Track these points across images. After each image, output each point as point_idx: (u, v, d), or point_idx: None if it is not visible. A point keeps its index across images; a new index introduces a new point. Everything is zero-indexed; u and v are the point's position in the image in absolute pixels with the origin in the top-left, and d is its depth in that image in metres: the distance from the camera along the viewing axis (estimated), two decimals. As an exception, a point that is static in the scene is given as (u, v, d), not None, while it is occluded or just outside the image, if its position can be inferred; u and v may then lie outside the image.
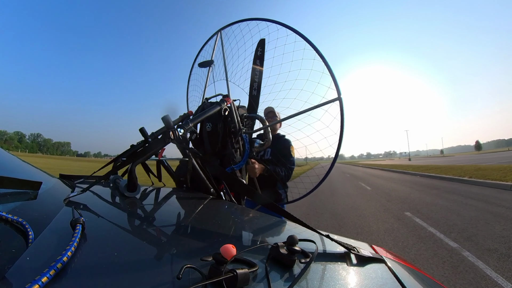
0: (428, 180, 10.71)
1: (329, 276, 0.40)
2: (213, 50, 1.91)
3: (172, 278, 0.32)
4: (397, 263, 0.50)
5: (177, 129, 0.86)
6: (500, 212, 4.26)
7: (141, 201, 0.76)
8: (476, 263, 2.40)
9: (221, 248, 0.32)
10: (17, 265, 0.32)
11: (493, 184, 7.32)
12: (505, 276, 2.13)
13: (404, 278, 0.43)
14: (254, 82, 1.76)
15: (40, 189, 0.61)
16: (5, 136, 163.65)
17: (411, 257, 2.65)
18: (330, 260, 0.44)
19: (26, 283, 0.26)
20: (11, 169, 0.79)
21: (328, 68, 1.32)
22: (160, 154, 0.88)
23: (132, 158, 0.82)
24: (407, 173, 15.10)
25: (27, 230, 0.39)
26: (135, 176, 0.74)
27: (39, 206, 0.56)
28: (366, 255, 0.47)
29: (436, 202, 5.48)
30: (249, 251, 0.42)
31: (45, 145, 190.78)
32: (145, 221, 0.61)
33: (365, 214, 4.75)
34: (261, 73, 1.74)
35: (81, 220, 0.42)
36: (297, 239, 0.41)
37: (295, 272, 0.38)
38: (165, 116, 0.91)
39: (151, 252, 0.41)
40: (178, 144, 0.88)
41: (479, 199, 5.49)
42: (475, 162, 19.41)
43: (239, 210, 0.80)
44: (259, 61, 1.75)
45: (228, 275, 0.30)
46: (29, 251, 0.35)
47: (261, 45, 1.73)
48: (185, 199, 0.89)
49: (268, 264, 0.38)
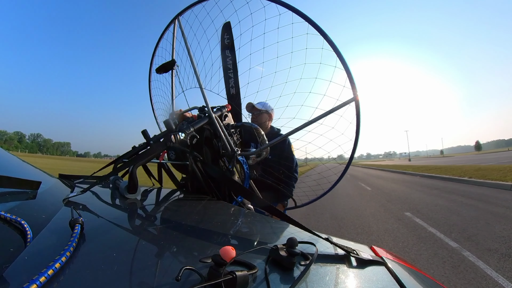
0: (428, 180, 10.71)
1: (329, 278, 0.39)
2: (172, 46, 1.44)
3: (171, 279, 0.32)
4: (397, 265, 0.49)
5: (178, 133, 0.86)
6: (500, 212, 4.26)
7: (141, 202, 0.75)
8: (477, 263, 2.39)
9: (221, 250, 0.32)
10: (15, 265, 0.32)
11: (493, 184, 7.31)
12: (505, 276, 2.12)
13: (405, 280, 0.42)
14: (230, 79, 1.40)
15: (39, 188, 0.60)
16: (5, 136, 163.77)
17: (411, 257, 2.65)
18: (329, 263, 0.44)
19: (24, 282, 0.26)
20: (10, 169, 0.79)
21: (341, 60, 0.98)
22: (161, 157, 0.87)
23: (133, 160, 0.82)
24: (407, 173, 15.09)
25: (25, 230, 0.39)
26: (136, 177, 0.74)
27: (38, 206, 0.56)
28: (365, 257, 0.46)
29: (436, 202, 5.47)
30: (248, 253, 0.42)
31: (45, 145, 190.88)
32: (144, 222, 0.61)
33: (365, 214, 4.75)
34: (235, 65, 1.38)
35: (80, 220, 0.42)
36: (296, 241, 0.40)
37: (294, 275, 0.38)
38: (166, 119, 0.91)
39: (150, 253, 0.41)
40: (179, 147, 0.88)
41: (479, 199, 5.48)
42: (475, 162, 19.40)
43: (238, 212, 0.80)
44: (229, 50, 1.37)
45: (228, 277, 0.30)
46: (27, 251, 0.35)
47: (227, 29, 1.35)
48: (185, 200, 0.89)
49: (267, 266, 0.38)
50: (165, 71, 1.18)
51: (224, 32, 1.37)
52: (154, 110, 1.75)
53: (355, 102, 1.01)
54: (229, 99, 1.41)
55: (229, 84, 1.40)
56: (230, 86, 1.40)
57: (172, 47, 1.44)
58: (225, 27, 1.35)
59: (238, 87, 1.39)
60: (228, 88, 1.41)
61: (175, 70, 1.30)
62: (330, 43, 0.98)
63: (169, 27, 1.39)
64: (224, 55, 1.39)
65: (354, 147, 1.13)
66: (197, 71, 1.19)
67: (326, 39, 0.99)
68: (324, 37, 0.99)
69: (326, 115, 1.05)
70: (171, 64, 1.17)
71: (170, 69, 1.21)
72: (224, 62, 1.39)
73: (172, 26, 1.39)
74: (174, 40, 1.43)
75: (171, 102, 1.49)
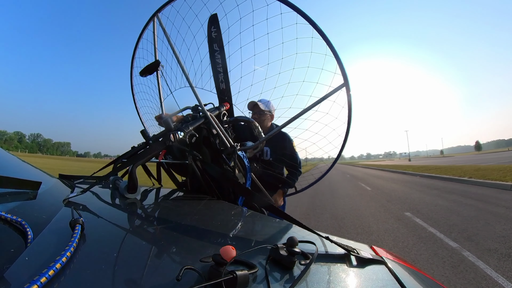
0: (428, 180, 10.70)
1: (329, 277, 0.39)
2: (154, 46, 1.33)
3: (172, 279, 0.32)
4: (397, 264, 0.50)
5: (177, 132, 0.86)
6: (500, 212, 4.26)
7: (140, 202, 0.76)
8: (477, 263, 2.39)
9: (221, 249, 0.32)
10: (16, 265, 0.32)
11: (493, 184, 7.31)
12: (505, 276, 2.12)
13: (405, 279, 0.42)
14: (219, 73, 1.33)
15: (40, 189, 0.60)
16: (5, 136, 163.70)
17: (411, 257, 2.65)
18: (330, 262, 0.44)
19: (24, 283, 0.26)
20: (10, 169, 0.79)
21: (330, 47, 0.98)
22: (161, 156, 0.88)
23: (133, 160, 0.82)
24: (407, 173, 15.08)
25: (26, 230, 0.39)
26: (136, 177, 0.74)
27: (39, 206, 0.56)
28: (366, 256, 0.46)
29: (436, 202, 5.47)
30: (249, 252, 0.42)
31: (45, 145, 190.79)
32: (144, 222, 0.61)
33: (365, 215, 4.75)
34: (224, 59, 1.32)
35: (80, 220, 0.42)
36: (297, 240, 0.40)
37: (295, 274, 0.38)
38: (165, 118, 0.91)
39: (151, 253, 0.41)
40: (178, 146, 0.88)
41: (479, 199, 5.48)
42: (475, 162, 19.41)
43: (239, 211, 0.80)
44: (217, 44, 1.31)
45: (228, 277, 0.30)
46: (28, 251, 0.35)
47: (214, 22, 1.29)
48: (185, 200, 0.89)
49: (268, 265, 0.38)
50: (150, 73, 1.11)
51: (211, 25, 1.29)
52: (140, 116, 1.67)
53: (345, 87, 1.02)
54: (219, 94, 1.35)
55: (218, 79, 1.34)
56: (220, 81, 1.34)
57: (154, 46, 1.35)
58: (211, 19, 1.28)
59: (228, 81, 1.34)
60: (217, 84, 1.36)
61: (160, 71, 1.24)
62: (319, 32, 1.00)
63: (147, 25, 1.30)
64: (212, 50, 1.32)
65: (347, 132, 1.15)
66: (186, 70, 1.14)
67: (315, 28, 1.00)
68: (313, 26, 1.00)
69: (319, 102, 1.06)
70: (155, 65, 1.09)
71: (155, 71, 1.13)
72: (212, 57, 1.33)
73: (151, 24, 1.31)
74: (155, 39, 1.33)
75: (159, 105, 1.41)
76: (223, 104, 1.16)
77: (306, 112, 1.10)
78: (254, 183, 1.28)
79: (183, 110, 1.16)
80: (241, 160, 1.10)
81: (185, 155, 0.92)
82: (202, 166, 0.93)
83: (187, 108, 1.13)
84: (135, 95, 1.64)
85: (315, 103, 1.08)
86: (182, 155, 0.95)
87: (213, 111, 1.10)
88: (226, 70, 1.30)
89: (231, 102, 1.33)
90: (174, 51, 1.16)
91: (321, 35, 1.00)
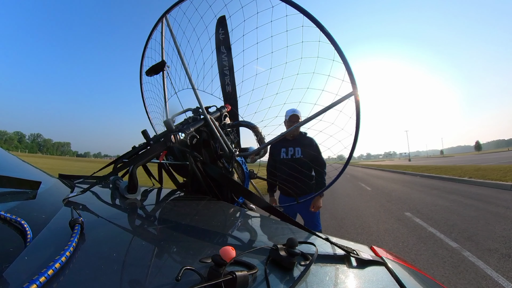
0: (428, 180, 10.70)
1: (329, 278, 0.39)
2: (161, 46, 1.35)
3: (171, 279, 0.32)
4: (397, 265, 0.49)
5: (178, 133, 0.86)
6: (500, 212, 4.26)
7: (141, 202, 0.75)
8: (477, 263, 2.39)
9: (221, 250, 0.32)
10: (15, 265, 0.32)
11: (493, 184, 7.31)
12: (506, 276, 2.12)
13: (405, 280, 0.42)
14: (225, 76, 1.33)
15: (39, 188, 0.60)
16: (5, 136, 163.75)
17: (411, 257, 2.65)
18: (329, 263, 0.44)
19: (24, 282, 0.26)
20: (10, 169, 0.79)
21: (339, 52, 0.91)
22: (161, 157, 0.88)
23: (134, 160, 0.82)
24: (407, 173, 15.09)
25: (25, 230, 0.39)
26: (136, 177, 0.74)
27: (38, 206, 0.55)
28: (365, 258, 0.46)
29: (436, 202, 5.47)
30: (248, 253, 0.42)
31: (45, 145, 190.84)
32: (144, 222, 0.61)
33: (365, 215, 4.75)
34: (231, 61, 1.31)
35: (80, 220, 0.42)
36: (296, 241, 0.40)
37: (294, 275, 0.38)
38: (167, 119, 0.91)
39: (150, 253, 0.41)
40: (179, 147, 0.88)
41: (479, 199, 5.48)
42: (475, 162, 19.40)
43: (238, 212, 0.80)
44: (224, 47, 1.30)
45: (227, 277, 0.30)
46: (27, 251, 0.35)
47: (222, 24, 1.28)
48: (185, 200, 0.89)
49: (267, 266, 0.38)
50: (155, 73, 1.13)
51: (219, 27, 1.28)
52: (148, 113, 1.68)
53: (354, 96, 0.96)
54: (225, 97, 1.34)
55: (224, 81, 1.34)
56: (226, 83, 1.33)
57: (161, 47, 1.36)
58: (220, 21, 1.27)
59: (234, 84, 1.33)
60: (223, 86, 1.35)
61: (165, 71, 1.25)
62: (327, 35, 0.93)
63: (157, 26, 1.32)
64: (219, 52, 1.31)
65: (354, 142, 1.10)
66: (189, 72, 1.14)
67: (322, 31, 0.93)
68: (321, 28, 0.93)
69: (325, 111, 1.01)
70: (161, 65, 1.12)
71: (161, 71, 1.16)
72: (219, 59, 1.31)
73: (160, 25, 1.32)
74: (163, 40, 1.35)
75: (164, 104, 1.42)
76: (224, 106, 1.15)
77: (310, 120, 1.05)
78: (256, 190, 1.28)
79: (185, 111, 1.17)
80: (239, 166, 1.09)
81: (185, 156, 0.92)
82: (203, 167, 0.93)
83: (189, 109, 1.14)
84: (144, 93, 1.64)
85: (321, 112, 1.02)
86: (183, 156, 0.95)
87: (214, 113, 1.09)
88: (233, 73, 1.30)
89: (236, 105, 1.32)
90: (179, 53, 1.16)
91: (329, 39, 0.93)
